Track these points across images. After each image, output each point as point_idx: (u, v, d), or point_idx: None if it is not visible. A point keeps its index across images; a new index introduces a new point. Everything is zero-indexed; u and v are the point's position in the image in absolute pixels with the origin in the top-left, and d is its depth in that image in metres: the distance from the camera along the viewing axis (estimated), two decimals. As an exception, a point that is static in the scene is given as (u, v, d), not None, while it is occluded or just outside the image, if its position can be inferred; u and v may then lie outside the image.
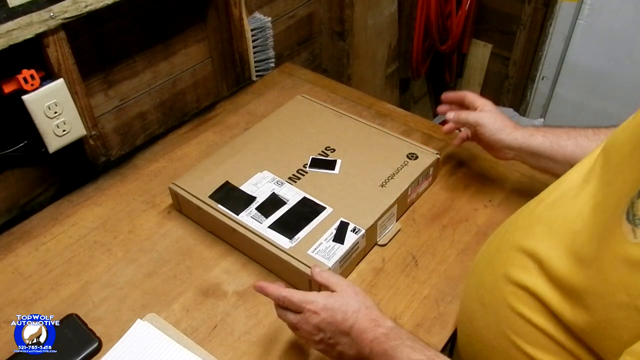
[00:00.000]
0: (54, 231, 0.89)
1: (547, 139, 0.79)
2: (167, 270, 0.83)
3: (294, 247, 0.78)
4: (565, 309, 0.48)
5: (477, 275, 0.64)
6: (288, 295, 0.64)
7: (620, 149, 0.50)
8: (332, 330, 0.62)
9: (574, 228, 0.50)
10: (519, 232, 0.58)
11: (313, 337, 0.63)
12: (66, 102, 0.87)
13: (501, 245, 0.60)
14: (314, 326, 0.62)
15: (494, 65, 2.06)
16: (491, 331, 0.58)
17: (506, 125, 0.83)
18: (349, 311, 0.61)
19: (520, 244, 0.56)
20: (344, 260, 0.78)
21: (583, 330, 0.47)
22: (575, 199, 0.53)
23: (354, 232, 0.80)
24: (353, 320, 0.61)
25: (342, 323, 0.61)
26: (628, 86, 1.82)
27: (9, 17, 0.75)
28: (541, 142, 0.79)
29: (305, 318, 0.63)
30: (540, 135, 0.80)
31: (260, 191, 0.87)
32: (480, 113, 0.85)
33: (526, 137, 0.80)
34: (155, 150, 1.05)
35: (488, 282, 0.60)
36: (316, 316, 0.62)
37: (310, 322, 0.62)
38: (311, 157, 0.93)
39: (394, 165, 0.91)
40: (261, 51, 1.24)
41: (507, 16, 1.92)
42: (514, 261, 0.56)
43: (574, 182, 0.56)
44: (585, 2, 1.78)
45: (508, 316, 0.55)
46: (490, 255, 0.63)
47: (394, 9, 1.62)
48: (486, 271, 0.61)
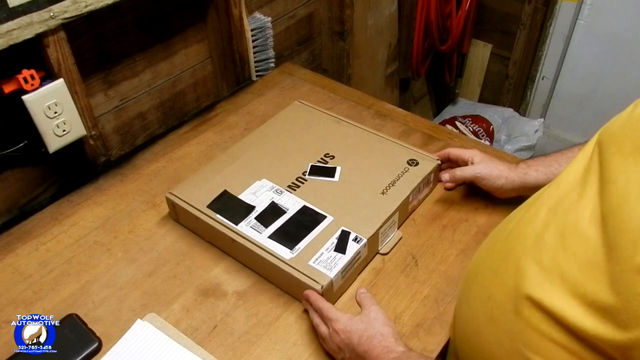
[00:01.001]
0: (54, 231, 0.89)
1: (540, 173, 0.83)
2: (167, 270, 0.83)
3: (295, 257, 0.77)
4: (593, 326, 0.44)
5: (481, 286, 0.61)
6: (324, 308, 0.71)
7: (620, 147, 0.48)
8: (350, 351, 0.67)
9: (586, 233, 0.47)
10: (526, 241, 0.55)
11: (336, 355, 0.70)
12: (66, 102, 0.87)
13: (507, 256, 0.57)
14: (336, 344, 0.69)
15: (494, 65, 2.06)
16: (503, 347, 0.55)
17: (501, 171, 0.86)
18: (364, 336, 0.67)
19: (532, 255, 0.52)
20: (345, 270, 0.77)
21: (617, 348, 0.43)
22: (580, 200, 0.50)
23: (355, 242, 0.79)
24: (367, 346, 0.66)
25: (357, 346, 0.66)
26: (628, 86, 1.82)
27: (9, 17, 0.75)
28: (536, 177, 0.83)
29: (330, 334, 0.70)
30: (533, 171, 0.83)
31: (259, 200, 0.85)
32: (475, 167, 0.87)
33: (521, 176, 0.84)
34: (155, 150, 1.05)
35: (497, 295, 0.57)
36: (336, 335, 0.68)
37: (334, 340, 0.69)
38: (310, 164, 0.92)
39: (394, 172, 0.90)
40: (261, 51, 1.24)
41: (507, 16, 1.92)
42: (526, 275, 0.52)
43: (572, 183, 0.54)
44: (585, 2, 1.79)
45: (522, 332, 0.52)
46: (494, 264, 0.60)
47: (394, 9, 1.62)
48: (493, 283, 0.58)
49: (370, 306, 0.71)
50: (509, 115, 2.01)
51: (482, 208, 0.92)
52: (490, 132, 1.94)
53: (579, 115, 2.00)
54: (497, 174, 0.85)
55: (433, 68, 1.97)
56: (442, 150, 0.94)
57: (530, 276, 0.52)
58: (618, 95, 1.86)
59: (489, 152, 1.01)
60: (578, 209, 0.50)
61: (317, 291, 0.73)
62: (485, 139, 1.91)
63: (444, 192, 0.95)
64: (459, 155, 0.91)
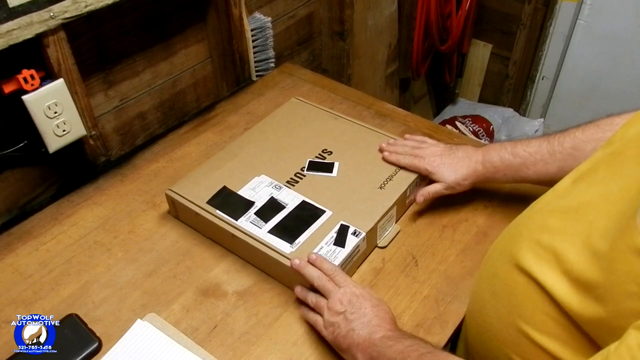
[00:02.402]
0: (54, 231, 0.89)
1: (508, 177, 0.81)
2: (167, 270, 0.83)
3: (295, 251, 0.77)
4: (573, 301, 0.49)
5: (489, 266, 0.64)
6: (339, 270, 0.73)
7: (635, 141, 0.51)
8: (359, 305, 0.68)
9: (589, 220, 0.50)
10: (534, 224, 0.59)
11: (336, 307, 0.68)
12: (66, 102, 0.87)
13: (516, 237, 0.60)
14: (348, 298, 0.69)
15: (494, 65, 2.06)
16: (502, 321, 0.59)
17: (467, 177, 0.83)
18: (382, 305, 0.69)
19: (536, 236, 0.56)
20: (345, 263, 0.78)
21: (589, 322, 0.47)
22: (588, 189, 0.54)
23: (354, 235, 0.80)
24: (382, 310, 0.68)
25: (375, 306, 0.68)
26: (628, 86, 1.82)
27: (9, 17, 0.75)
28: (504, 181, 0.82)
29: (344, 289, 0.70)
30: (501, 176, 0.81)
31: (258, 195, 0.86)
32: (444, 184, 0.84)
33: (488, 176, 0.82)
34: (155, 150, 1.05)
35: (501, 272, 0.60)
36: (357, 289, 0.70)
37: (347, 293, 0.69)
38: (308, 160, 0.93)
39: (391, 166, 0.91)
40: (261, 51, 1.24)
41: (507, 16, 1.92)
42: (527, 251, 0.56)
43: (581, 171, 0.58)
44: (585, 2, 1.79)
45: (519, 305, 0.56)
46: (503, 246, 0.63)
47: (394, 9, 1.62)
48: (499, 261, 0.62)
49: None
50: (509, 115, 2.01)
51: (482, 208, 0.92)
52: (490, 132, 1.94)
53: (579, 115, 2.00)
54: (466, 185, 0.84)
55: (433, 68, 1.97)
56: (395, 160, 0.90)
57: (529, 252, 0.56)
58: (618, 95, 1.86)
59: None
60: (585, 196, 0.54)
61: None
62: (485, 139, 1.92)
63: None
64: (413, 170, 0.88)
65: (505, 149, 0.80)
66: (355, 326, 0.66)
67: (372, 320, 0.66)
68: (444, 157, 0.85)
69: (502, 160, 0.80)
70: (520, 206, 0.78)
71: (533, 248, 0.56)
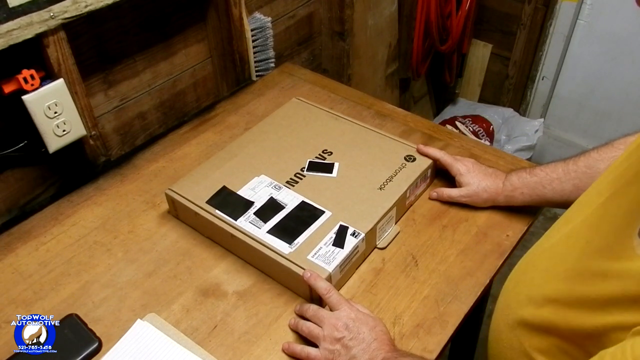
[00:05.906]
0: (54, 231, 0.89)
1: (525, 196, 0.85)
2: (167, 271, 0.83)
3: (294, 252, 0.77)
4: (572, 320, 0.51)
5: (504, 296, 0.67)
6: (334, 290, 0.72)
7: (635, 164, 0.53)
8: (357, 330, 0.68)
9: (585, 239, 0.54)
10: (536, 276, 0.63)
11: (333, 334, 0.68)
12: (66, 102, 0.87)
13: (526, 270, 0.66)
14: (344, 323, 0.68)
15: (494, 65, 2.06)
16: (514, 351, 0.62)
17: (488, 192, 0.88)
18: (378, 325, 0.70)
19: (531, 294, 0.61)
20: (344, 264, 0.78)
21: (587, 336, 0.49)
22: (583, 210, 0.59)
23: (353, 236, 0.80)
24: (380, 331, 0.69)
25: (372, 328, 0.68)
26: (628, 86, 1.82)
27: (9, 17, 0.75)
28: (522, 200, 0.86)
29: (339, 313, 0.70)
30: (518, 194, 0.85)
31: (257, 196, 0.86)
32: (462, 190, 0.89)
33: (507, 198, 0.87)
34: (155, 150, 1.05)
35: (513, 302, 0.64)
36: (352, 312, 0.70)
37: (342, 318, 0.69)
38: (308, 160, 0.93)
39: (391, 167, 0.90)
40: (261, 51, 1.24)
41: (507, 16, 1.92)
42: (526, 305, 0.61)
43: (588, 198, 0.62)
44: (585, 2, 1.79)
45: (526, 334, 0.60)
46: (517, 276, 0.68)
47: (394, 9, 1.62)
48: (514, 292, 0.65)
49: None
50: (509, 115, 2.01)
51: (482, 208, 0.92)
52: (490, 132, 1.94)
53: (579, 115, 2.00)
54: (485, 198, 0.88)
55: (433, 68, 1.97)
56: (433, 153, 0.93)
57: (522, 299, 0.61)
58: (618, 95, 1.85)
59: (488, 152, 1.02)
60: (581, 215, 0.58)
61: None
62: (485, 139, 1.91)
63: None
64: (446, 167, 0.92)
65: (525, 170, 0.86)
66: (356, 353, 0.66)
67: (371, 344, 0.67)
68: (476, 166, 0.91)
69: (519, 178, 0.85)
70: (520, 206, 0.77)
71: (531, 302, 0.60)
